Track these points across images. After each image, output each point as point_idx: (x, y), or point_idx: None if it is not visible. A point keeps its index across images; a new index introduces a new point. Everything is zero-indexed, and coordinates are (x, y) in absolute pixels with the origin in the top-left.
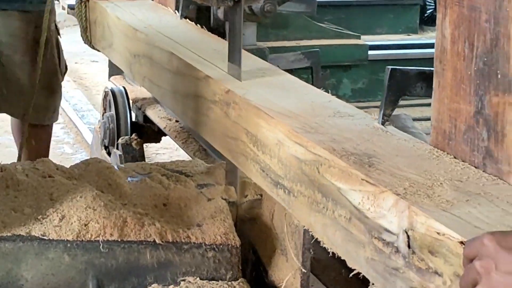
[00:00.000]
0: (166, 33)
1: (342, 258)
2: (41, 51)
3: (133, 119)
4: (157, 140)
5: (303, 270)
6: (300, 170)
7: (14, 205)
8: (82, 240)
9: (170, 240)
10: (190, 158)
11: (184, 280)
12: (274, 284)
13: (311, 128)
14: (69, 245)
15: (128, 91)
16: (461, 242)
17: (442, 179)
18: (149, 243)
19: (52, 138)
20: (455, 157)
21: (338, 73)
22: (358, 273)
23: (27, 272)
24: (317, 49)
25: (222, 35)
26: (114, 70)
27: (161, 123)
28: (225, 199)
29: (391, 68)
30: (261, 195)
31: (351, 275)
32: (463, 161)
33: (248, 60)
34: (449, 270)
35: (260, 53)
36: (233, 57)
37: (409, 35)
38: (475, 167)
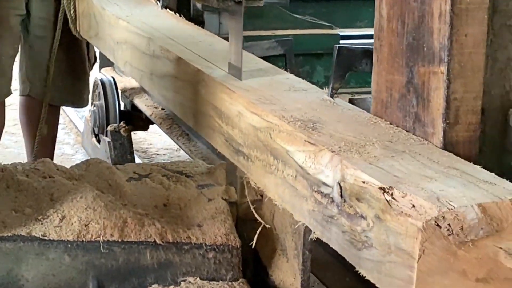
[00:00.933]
0: (147, 21)
1: (290, 212)
2: (59, 31)
3: (122, 108)
4: (145, 128)
5: (303, 270)
6: (256, 137)
7: (15, 205)
8: (83, 240)
9: (171, 241)
10: (191, 159)
11: (184, 281)
12: (275, 284)
13: (266, 100)
14: (69, 245)
15: (117, 82)
16: (381, 188)
17: (375, 140)
18: (150, 244)
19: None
20: (390, 123)
21: (312, 61)
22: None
23: (28, 272)
24: (291, 37)
25: (201, 24)
26: (104, 62)
27: (147, 111)
28: (225, 200)
29: (339, 46)
30: (262, 196)
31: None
32: (397, 126)
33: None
34: (372, 213)
35: None
36: (234, 57)
37: None
38: (407, 131)
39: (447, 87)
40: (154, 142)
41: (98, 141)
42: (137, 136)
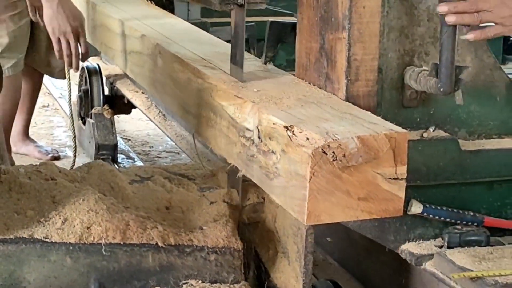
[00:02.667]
0: (120, 6)
1: (224, 156)
2: None
3: (107, 93)
4: (128, 111)
5: (305, 273)
6: (200, 98)
7: (17, 207)
8: (85, 243)
9: (173, 243)
10: (192, 162)
11: (186, 283)
12: (276, 287)
13: (210, 66)
14: (71, 247)
15: (102, 69)
16: (285, 127)
17: (291, 94)
18: (152, 246)
19: (55, 141)
20: (309, 83)
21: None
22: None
23: (30, 275)
24: (253, 23)
25: (171, 10)
26: (91, 51)
27: (129, 94)
28: (227, 202)
29: (271, 21)
30: (264, 199)
31: None
32: (313, 84)
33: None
34: (279, 148)
35: (203, 26)
36: (236, 60)
37: None
38: (320, 88)
39: (349, 50)
40: (156, 145)
41: (84, 123)
42: (139, 138)
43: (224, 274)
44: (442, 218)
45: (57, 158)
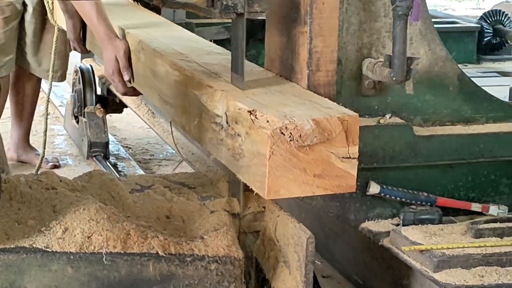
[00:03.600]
0: (109, 8)
1: (197, 142)
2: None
3: (99, 93)
4: (120, 110)
5: (306, 282)
6: (177, 89)
7: (18, 217)
8: (85, 252)
9: (173, 253)
10: (193, 170)
11: None
12: None
13: (186, 60)
14: (72, 257)
15: (95, 70)
16: (249, 111)
17: (272, 89)
18: (152, 256)
19: (56, 150)
20: (276, 74)
21: (257, 45)
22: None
23: (30, 284)
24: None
25: (158, 12)
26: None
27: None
28: (228, 211)
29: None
30: (264, 208)
31: None
32: (280, 76)
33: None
34: (244, 130)
35: (189, 27)
36: (236, 68)
37: None
38: (286, 79)
39: (310, 42)
40: (156, 153)
41: (77, 122)
42: (139, 146)
43: (225, 283)
44: (398, 198)
45: (57, 166)
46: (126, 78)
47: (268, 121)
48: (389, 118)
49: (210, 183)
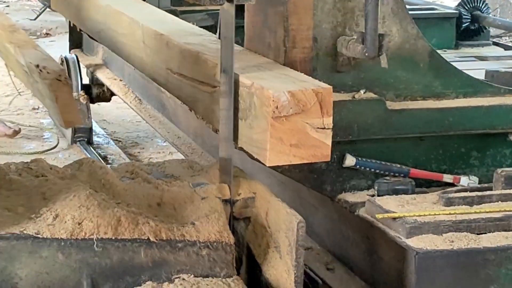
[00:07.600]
0: None
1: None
2: None
3: (86, 82)
4: (108, 99)
5: (297, 266)
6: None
7: (7, 204)
8: (76, 238)
9: (164, 238)
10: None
11: (178, 278)
12: (268, 281)
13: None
14: (63, 243)
15: (83, 59)
16: None
17: (238, 61)
18: (144, 241)
19: (45, 143)
20: (255, 52)
21: (240, 32)
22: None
23: (21, 271)
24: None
25: None
26: (73, 44)
27: (107, 82)
28: (219, 198)
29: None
30: (255, 193)
31: None
32: (259, 54)
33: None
34: None
35: (173, 13)
36: (225, 59)
37: None
38: (264, 56)
39: (286, 21)
40: (146, 147)
41: None
42: (129, 140)
43: (217, 269)
44: (373, 170)
45: (18, 132)
46: None
47: None
48: (363, 93)
49: (201, 170)
